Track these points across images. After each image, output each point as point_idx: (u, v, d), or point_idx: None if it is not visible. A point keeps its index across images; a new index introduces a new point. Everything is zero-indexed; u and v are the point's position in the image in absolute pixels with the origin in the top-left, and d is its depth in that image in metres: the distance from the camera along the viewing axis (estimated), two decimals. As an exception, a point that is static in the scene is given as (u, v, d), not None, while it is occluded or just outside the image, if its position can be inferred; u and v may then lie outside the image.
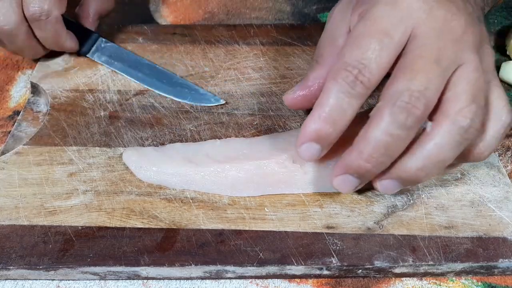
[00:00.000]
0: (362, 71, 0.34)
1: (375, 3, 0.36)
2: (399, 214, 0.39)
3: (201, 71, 0.52)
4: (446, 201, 0.40)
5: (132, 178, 0.42)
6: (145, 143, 0.45)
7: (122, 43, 0.56)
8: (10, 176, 0.42)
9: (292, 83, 0.51)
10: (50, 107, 0.48)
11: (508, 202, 0.40)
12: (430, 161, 0.34)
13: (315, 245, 0.37)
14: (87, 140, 0.45)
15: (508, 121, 0.36)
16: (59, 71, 0.52)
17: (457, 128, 0.33)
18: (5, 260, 0.36)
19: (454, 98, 0.34)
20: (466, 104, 0.33)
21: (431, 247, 0.37)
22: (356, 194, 0.40)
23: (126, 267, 0.36)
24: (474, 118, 0.33)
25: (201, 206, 0.40)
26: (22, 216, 0.39)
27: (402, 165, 0.35)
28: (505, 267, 0.37)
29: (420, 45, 0.34)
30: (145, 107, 0.48)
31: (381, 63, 0.34)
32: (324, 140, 0.35)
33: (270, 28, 0.58)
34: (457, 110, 0.33)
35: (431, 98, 0.33)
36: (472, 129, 0.33)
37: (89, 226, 0.38)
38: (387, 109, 0.33)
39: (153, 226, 0.38)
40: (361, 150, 0.34)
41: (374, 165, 0.34)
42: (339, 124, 0.35)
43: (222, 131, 0.46)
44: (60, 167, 0.42)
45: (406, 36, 0.35)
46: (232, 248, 0.37)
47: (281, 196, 0.40)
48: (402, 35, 0.35)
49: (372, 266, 0.36)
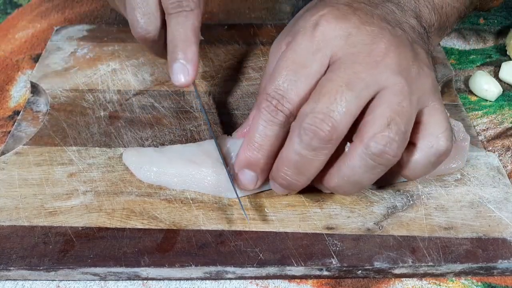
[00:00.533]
0: (280, 101, 0.35)
1: (295, 35, 0.37)
2: (399, 215, 0.39)
3: (201, 71, 0.52)
4: (445, 202, 0.40)
5: (132, 178, 0.42)
6: (145, 143, 0.45)
7: (122, 43, 0.56)
8: (10, 176, 0.42)
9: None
10: (50, 107, 0.48)
11: (507, 203, 0.40)
12: (345, 181, 0.35)
13: (315, 246, 0.37)
14: (87, 140, 0.45)
15: (441, 149, 0.35)
16: (59, 71, 0.52)
17: (369, 153, 0.33)
18: (6, 260, 0.36)
19: (370, 122, 0.33)
20: (380, 129, 0.33)
21: (431, 248, 0.37)
22: (356, 195, 0.40)
23: (126, 267, 0.36)
24: (388, 144, 0.33)
25: (201, 206, 0.40)
26: (22, 217, 0.39)
27: (324, 178, 0.36)
28: (504, 268, 0.37)
29: (333, 70, 0.35)
30: (145, 107, 0.48)
31: (298, 92, 0.35)
32: (255, 166, 0.37)
33: (270, 28, 0.58)
34: (371, 135, 0.33)
35: (339, 120, 0.33)
36: (386, 155, 0.33)
37: (89, 227, 0.38)
38: (296, 129, 0.34)
39: (153, 226, 0.38)
40: (277, 166, 0.36)
41: (288, 183, 0.36)
42: (266, 149, 0.36)
43: (222, 131, 0.46)
44: (60, 168, 0.42)
45: (324, 64, 0.35)
46: (232, 249, 0.37)
47: (281, 197, 0.40)
48: (319, 64, 0.35)
49: (371, 267, 0.36)
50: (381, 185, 0.41)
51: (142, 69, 0.53)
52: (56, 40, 0.57)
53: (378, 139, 0.33)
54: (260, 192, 0.40)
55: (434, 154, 0.35)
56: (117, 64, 0.53)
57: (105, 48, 0.55)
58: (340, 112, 0.33)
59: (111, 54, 0.55)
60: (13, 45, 0.60)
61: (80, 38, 0.57)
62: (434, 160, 0.36)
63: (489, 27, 0.62)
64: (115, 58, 0.54)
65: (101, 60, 0.54)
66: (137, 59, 0.54)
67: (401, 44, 0.36)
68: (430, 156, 0.35)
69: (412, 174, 0.37)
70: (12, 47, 0.60)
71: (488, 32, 0.61)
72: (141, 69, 0.53)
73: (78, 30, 0.59)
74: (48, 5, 0.67)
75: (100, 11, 0.66)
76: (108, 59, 0.54)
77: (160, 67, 0.53)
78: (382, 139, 0.33)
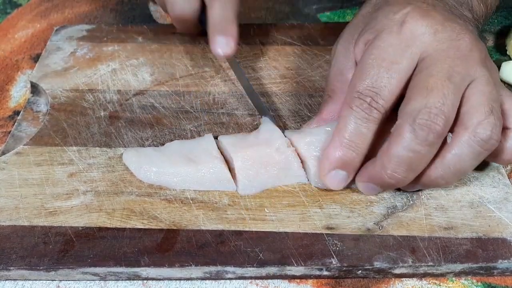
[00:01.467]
0: (374, 98, 0.36)
1: (380, 33, 0.38)
2: (399, 215, 0.39)
3: (201, 71, 0.52)
4: (445, 202, 0.40)
5: (132, 178, 0.42)
6: (145, 143, 0.45)
7: (122, 43, 0.56)
8: (10, 176, 0.42)
9: (292, 83, 0.51)
10: (50, 107, 0.48)
11: (507, 203, 0.40)
12: (450, 171, 0.36)
13: (315, 246, 0.37)
14: (87, 140, 0.45)
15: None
16: (59, 71, 0.52)
17: (477, 140, 0.35)
18: (6, 260, 0.36)
19: (472, 111, 0.35)
20: (484, 116, 0.35)
21: (431, 248, 0.37)
22: (356, 195, 0.40)
23: (126, 267, 0.36)
24: (493, 129, 0.34)
25: (201, 206, 0.40)
26: (22, 217, 0.39)
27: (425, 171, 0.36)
28: (504, 268, 0.37)
29: (429, 65, 0.36)
30: (145, 107, 0.48)
31: (391, 89, 0.36)
32: (349, 166, 0.37)
33: (270, 28, 0.58)
34: (477, 123, 0.35)
35: (449, 113, 0.34)
36: (492, 140, 0.35)
37: (89, 227, 0.38)
38: (407, 126, 0.34)
39: (153, 226, 0.38)
40: (385, 164, 0.36)
41: (397, 181, 0.36)
42: (360, 148, 0.37)
43: (222, 131, 0.46)
44: (60, 168, 0.42)
45: (414, 60, 0.36)
46: (232, 249, 0.37)
47: (281, 197, 0.40)
48: (409, 60, 0.36)
49: (371, 267, 0.36)
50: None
51: (142, 69, 0.53)
52: (56, 40, 0.57)
53: (484, 125, 0.34)
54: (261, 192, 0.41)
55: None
56: (117, 64, 0.53)
57: (105, 48, 0.55)
58: (449, 105, 0.34)
59: (111, 54, 0.55)
60: (13, 45, 0.60)
61: (80, 38, 0.57)
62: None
63: (489, 27, 0.62)
64: (115, 58, 0.54)
65: (101, 60, 0.54)
66: (137, 59, 0.54)
67: (477, 38, 0.38)
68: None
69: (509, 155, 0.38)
70: (12, 47, 0.60)
71: (488, 32, 0.61)
72: (141, 69, 0.53)
73: (78, 30, 0.59)
74: (48, 5, 0.68)
75: (100, 11, 0.66)
76: (108, 59, 0.54)
77: (160, 67, 0.53)
78: (488, 125, 0.34)
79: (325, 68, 0.52)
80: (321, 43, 0.56)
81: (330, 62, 0.43)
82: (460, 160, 0.35)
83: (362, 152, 0.37)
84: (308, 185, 0.41)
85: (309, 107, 0.48)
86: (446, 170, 0.36)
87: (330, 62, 0.43)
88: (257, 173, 0.40)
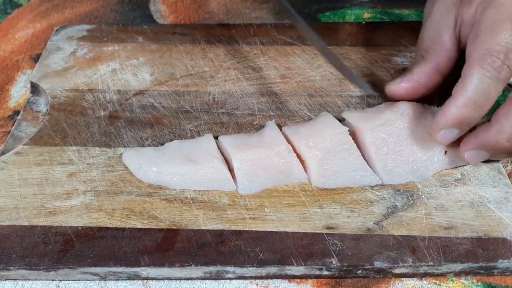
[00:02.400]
0: (508, 55, 0.34)
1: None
2: (399, 214, 0.39)
3: (201, 71, 0.52)
4: (446, 201, 0.40)
5: (132, 178, 0.42)
6: (145, 143, 0.45)
7: (122, 43, 0.56)
8: (10, 176, 0.42)
9: (292, 83, 0.51)
10: (50, 107, 0.48)
11: (507, 202, 0.40)
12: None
13: (315, 245, 0.37)
14: (87, 140, 0.45)
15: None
16: (58, 71, 0.52)
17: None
18: (5, 260, 0.36)
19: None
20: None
21: (431, 248, 0.37)
22: (356, 194, 0.40)
23: (126, 267, 0.36)
24: None
25: (201, 206, 0.40)
26: (22, 217, 0.39)
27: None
28: (504, 268, 0.37)
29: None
30: (145, 107, 0.48)
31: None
32: (465, 126, 0.36)
33: (270, 28, 0.58)
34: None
35: None
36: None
37: (89, 227, 0.38)
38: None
39: (153, 226, 0.38)
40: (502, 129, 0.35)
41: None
42: (483, 108, 0.35)
43: (222, 131, 0.46)
44: (60, 167, 0.42)
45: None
46: (232, 248, 0.37)
47: (281, 197, 0.40)
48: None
49: (372, 267, 0.36)
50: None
51: (142, 69, 0.53)
52: (56, 40, 0.57)
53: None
54: (261, 192, 0.41)
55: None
56: (117, 64, 0.53)
57: (105, 48, 0.55)
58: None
59: (111, 54, 0.55)
60: (13, 45, 0.60)
61: (80, 38, 0.57)
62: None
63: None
64: (115, 58, 0.54)
65: (101, 60, 0.54)
66: (137, 59, 0.54)
67: None
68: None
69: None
70: (12, 47, 0.60)
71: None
72: (141, 69, 0.53)
73: (78, 30, 0.59)
74: (48, 5, 0.68)
75: (100, 11, 0.66)
76: (108, 59, 0.54)
77: (160, 67, 0.53)
78: None
79: (325, 68, 0.52)
80: (321, 43, 0.56)
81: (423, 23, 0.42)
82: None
83: (483, 113, 0.35)
84: (308, 185, 0.41)
85: (309, 107, 0.48)
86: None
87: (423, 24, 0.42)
88: (256, 174, 0.40)
